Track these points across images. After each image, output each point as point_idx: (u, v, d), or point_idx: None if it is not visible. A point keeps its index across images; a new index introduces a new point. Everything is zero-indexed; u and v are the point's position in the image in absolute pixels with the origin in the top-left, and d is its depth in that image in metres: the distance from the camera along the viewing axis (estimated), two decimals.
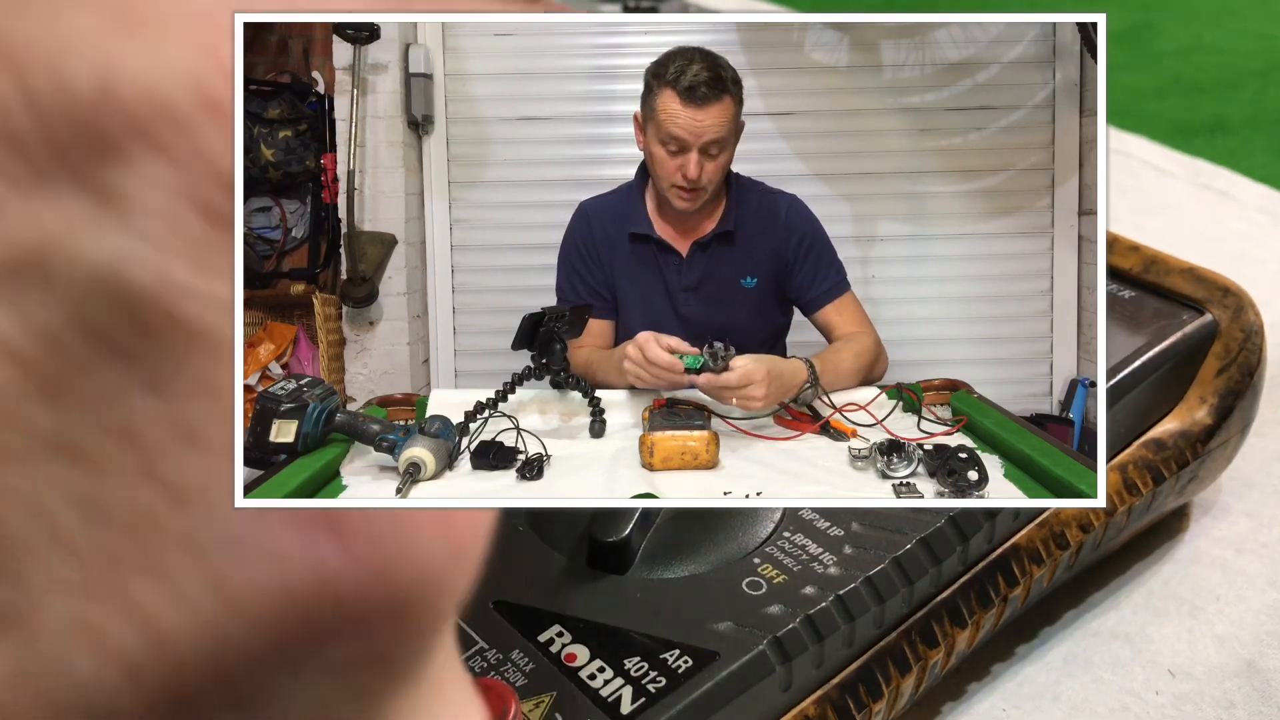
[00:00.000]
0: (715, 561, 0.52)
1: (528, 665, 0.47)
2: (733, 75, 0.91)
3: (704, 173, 0.91)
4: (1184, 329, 0.64)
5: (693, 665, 0.47)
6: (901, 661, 0.52)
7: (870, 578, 0.51)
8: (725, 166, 0.93)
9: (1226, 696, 0.57)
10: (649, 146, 0.93)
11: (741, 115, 0.93)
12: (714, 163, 0.91)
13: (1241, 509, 0.68)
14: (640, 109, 0.94)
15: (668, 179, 0.93)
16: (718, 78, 0.89)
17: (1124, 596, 0.63)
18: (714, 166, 0.91)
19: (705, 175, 0.91)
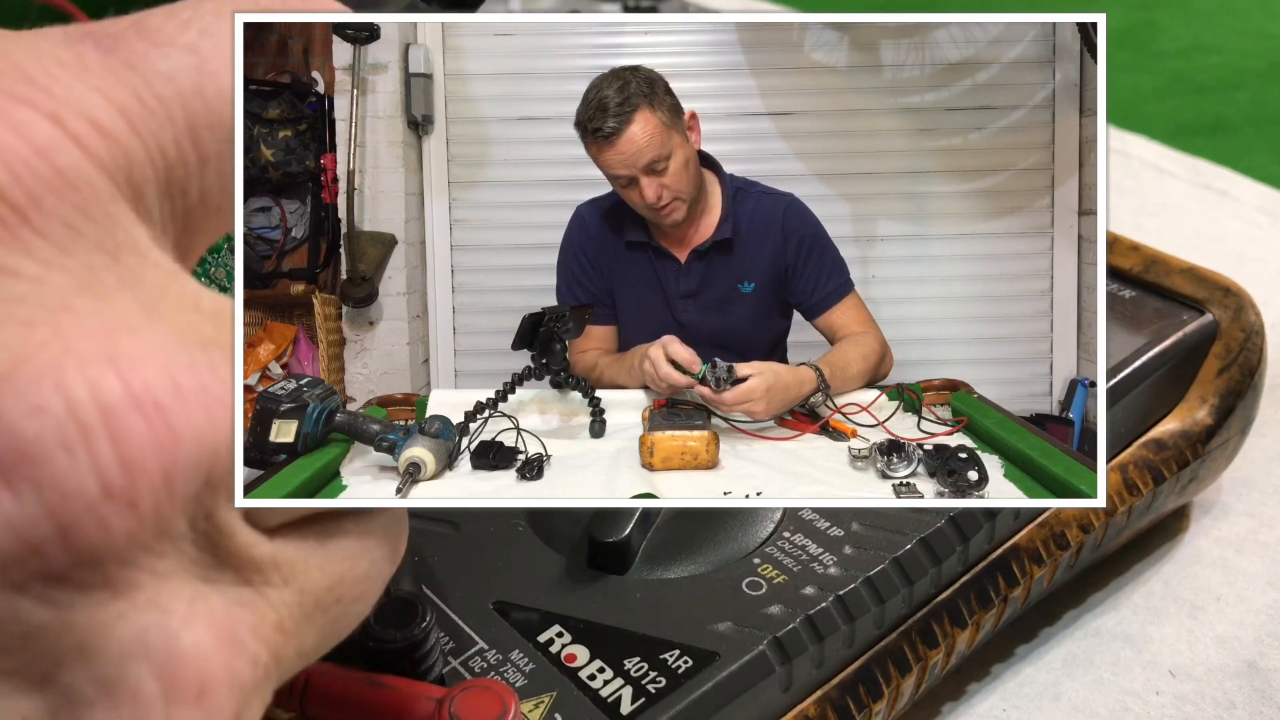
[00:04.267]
0: (715, 561, 0.52)
1: (527, 665, 0.47)
2: (642, 86, 0.88)
3: (664, 189, 0.90)
4: (1184, 329, 0.64)
5: (693, 665, 0.47)
6: (901, 662, 0.52)
7: (870, 578, 0.51)
8: (684, 168, 0.91)
9: (1227, 697, 0.57)
10: (610, 184, 0.93)
11: (680, 109, 0.91)
12: (667, 175, 0.89)
13: (1242, 509, 0.68)
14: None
15: (636, 206, 0.92)
16: (624, 101, 0.87)
17: (1124, 597, 0.63)
18: (670, 177, 0.89)
19: (667, 190, 0.90)
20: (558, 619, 0.49)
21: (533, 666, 0.47)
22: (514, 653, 0.48)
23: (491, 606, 0.50)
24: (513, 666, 0.47)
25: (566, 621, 0.49)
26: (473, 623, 0.49)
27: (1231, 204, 0.96)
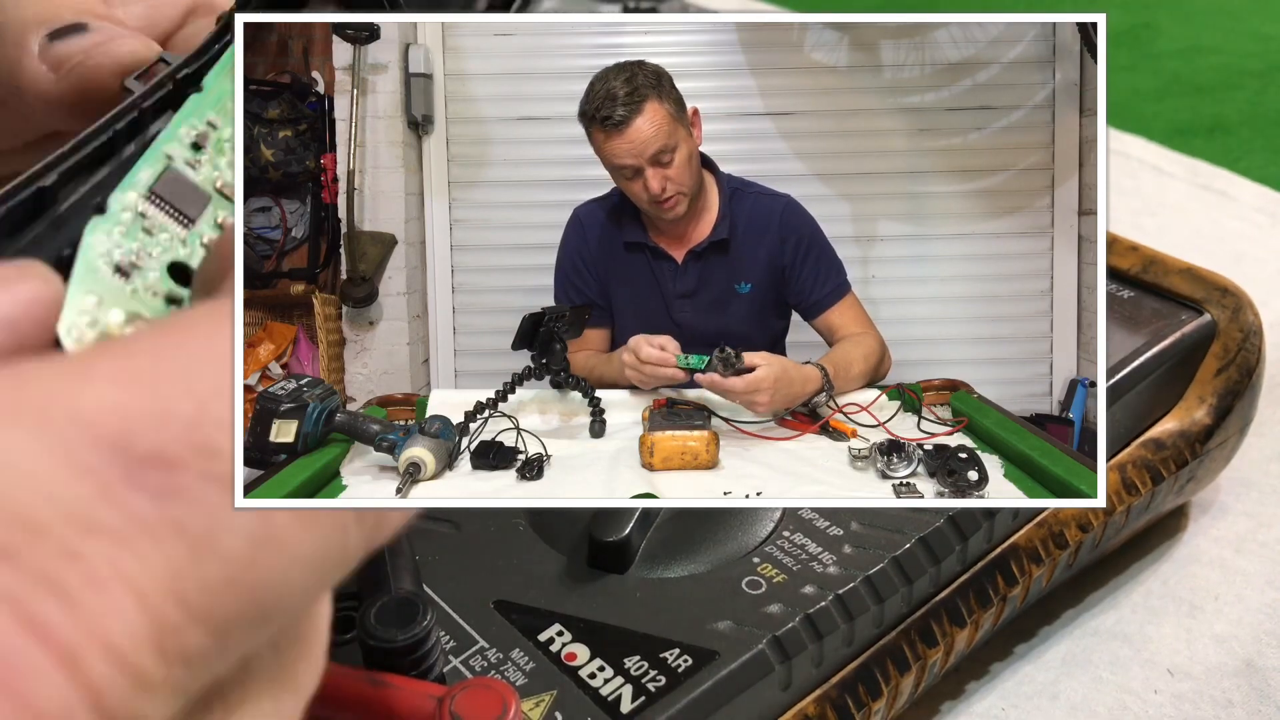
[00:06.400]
0: (715, 561, 0.52)
1: (528, 664, 0.47)
2: (650, 78, 0.89)
3: (667, 181, 0.90)
4: (1183, 329, 0.64)
5: (692, 664, 0.47)
6: (901, 661, 0.52)
7: (870, 577, 0.51)
8: (688, 162, 0.91)
9: (1225, 695, 0.57)
10: (612, 177, 0.93)
11: (684, 104, 0.91)
12: (672, 167, 0.90)
13: (1240, 509, 0.68)
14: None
15: (639, 199, 0.93)
16: (633, 91, 0.87)
17: (1123, 596, 0.63)
18: (675, 170, 0.90)
19: (670, 183, 0.90)
20: (558, 618, 0.49)
21: (533, 665, 0.47)
22: (514, 651, 0.48)
23: (492, 605, 0.50)
24: (513, 665, 0.47)
25: (567, 620, 0.49)
26: (473, 622, 0.49)
27: (1230, 204, 0.97)
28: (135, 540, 0.23)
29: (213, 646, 0.24)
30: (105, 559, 0.23)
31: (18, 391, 0.24)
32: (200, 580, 0.24)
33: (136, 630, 0.23)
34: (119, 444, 0.24)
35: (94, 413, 0.24)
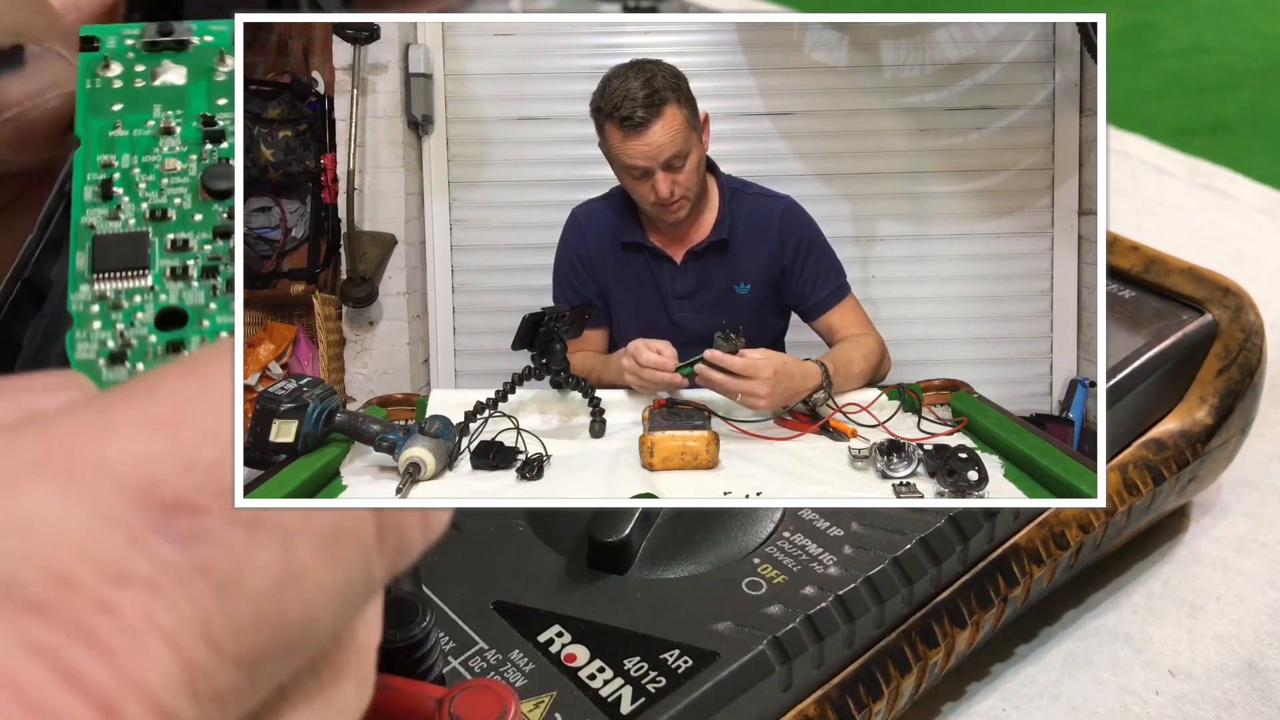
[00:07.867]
0: (715, 561, 0.52)
1: (527, 665, 0.47)
2: (670, 81, 0.89)
3: (676, 186, 0.90)
4: (1184, 329, 0.64)
5: (693, 665, 0.47)
6: (901, 662, 0.52)
7: (870, 578, 0.51)
8: (697, 168, 0.92)
9: (1226, 696, 0.57)
10: (617, 175, 0.93)
11: (697, 109, 0.91)
12: (682, 172, 0.90)
13: (1241, 509, 0.68)
14: (598, 140, 0.92)
15: (644, 201, 0.92)
16: (653, 93, 0.87)
17: (1124, 597, 0.63)
18: (684, 175, 0.90)
19: (679, 187, 0.90)
20: (558, 619, 0.49)
21: (533, 666, 0.47)
22: (514, 652, 0.48)
23: (491, 606, 0.50)
24: (513, 666, 0.47)
25: (566, 621, 0.49)
26: (473, 622, 0.49)
27: (1231, 204, 0.96)
28: (165, 588, 0.24)
29: (244, 682, 0.25)
30: (137, 608, 0.23)
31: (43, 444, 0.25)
32: (229, 621, 0.25)
33: (171, 675, 0.24)
34: (145, 492, 0.24)
35: (119, 462, 0.25)
